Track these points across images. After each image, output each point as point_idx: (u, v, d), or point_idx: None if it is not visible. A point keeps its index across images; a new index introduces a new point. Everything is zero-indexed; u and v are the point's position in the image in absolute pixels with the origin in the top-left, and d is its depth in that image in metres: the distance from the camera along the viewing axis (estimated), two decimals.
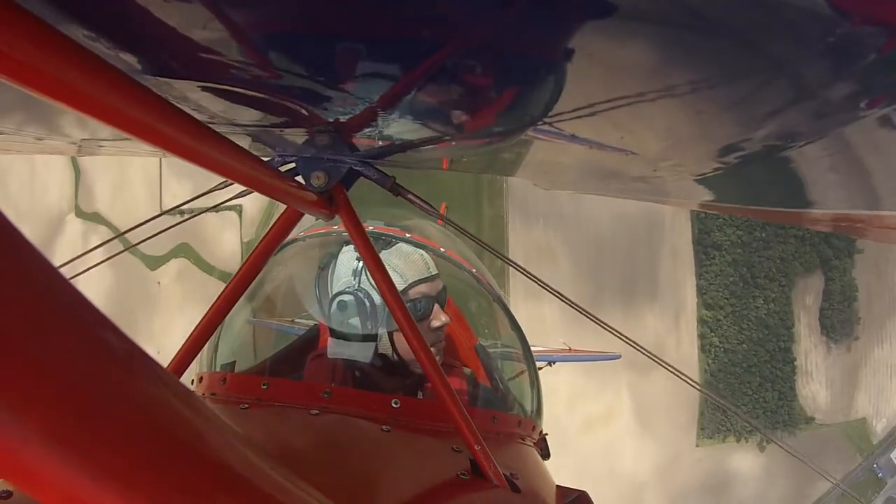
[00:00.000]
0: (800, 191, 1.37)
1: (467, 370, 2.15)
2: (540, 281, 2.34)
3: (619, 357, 10.88)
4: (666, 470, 24.37)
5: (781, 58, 0.71)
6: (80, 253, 2.70)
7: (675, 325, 26.79)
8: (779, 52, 0.69)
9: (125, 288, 26.77)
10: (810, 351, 28.61)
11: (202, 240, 26.73)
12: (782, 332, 28.20)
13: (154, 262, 27.34)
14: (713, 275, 27.64)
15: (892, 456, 29.62)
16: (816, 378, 28.65)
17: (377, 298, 1.86)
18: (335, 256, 1.97)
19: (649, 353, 2.45)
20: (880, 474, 29.42)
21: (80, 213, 28.93)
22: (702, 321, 27.32)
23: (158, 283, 27.47)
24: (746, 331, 27.77)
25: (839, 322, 28.95)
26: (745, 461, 26.31)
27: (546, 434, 2.19)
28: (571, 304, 2.38)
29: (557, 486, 1.72)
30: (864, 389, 29.04)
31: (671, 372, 2.51)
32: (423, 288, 1.95)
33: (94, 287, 25.52)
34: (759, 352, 27.76)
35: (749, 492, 25.97)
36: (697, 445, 25.38)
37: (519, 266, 2.48)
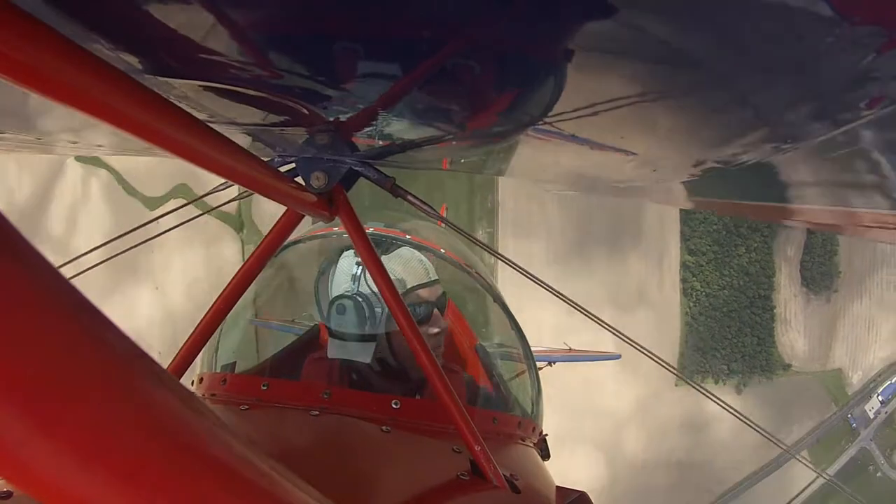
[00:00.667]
0: (788, 190, 1.39)
1: (467, 371, 2.15)
2: (531, 275, 2.37)
3: (619, 357, 11.22)
4: (646, 407, 25.10)
5: (781, 59, 0.71)
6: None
7: (658, 269, 27.30)
8: (778, 53, 0.69)
9: (124, 228, 27.24)
10: (790, 300, 29.30)
11: (203, 183, 27.20)
12: (763, 280, 28.76)
13: (153, 203, 27.83)
14: (697, 222, 28.18)
15: (866, 408, 30.17)
16: (795, 327, 29.35)
17: (375, 302, 1.86)
18: (335, 261, 1.98)
19: (637, 344, 2.52)
20: (854, 425, 29.95)
21: (79, 158, 29.33)
22: (684, 266, 27.82)
23: (157, 222, 27.96)
24: (728, 277, 28.34)
25: (819, 274, 29.53)
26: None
27: (546, 434, 2.19)
28: (562, 297, 2.41)
29: (557, 486, 1.73)
30: (842, 341, 29.70)
31: (658, 363, 2.57)
32: (422, 293, 1.96)
33: (96, 228, 26.03)
34: (739, 298, 28.42)
35: (725, 433, 26.62)
36: (676, 385, 25.95)
37: (517, 265, 2.48)
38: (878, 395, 30.92)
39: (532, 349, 2.50)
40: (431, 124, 1.40)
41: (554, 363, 9.93)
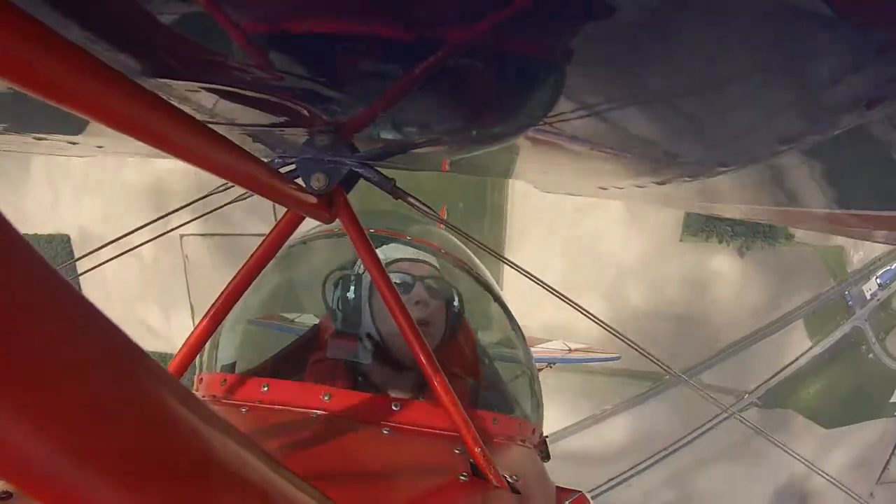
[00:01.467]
0: (791, 192, 1.39)
1: (466, 372, 2.16)
2: (534, 277, 2.39)
3: (619, 358, 11.08)
4: (649, 260, 25.29)
5: (781, 59, 0.71)
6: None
7: None
8: (778, 53, 0.69)
9: None
10: None
11: None
12: None
13: None
14: None
15: (864, 288, 30.13)
16: None
17: (366, 280, 1.91)
18: (350, 261, 2.03)
19: (634, 343, 2.53)
20: (850, 302, 29.61)
21: None
22: None
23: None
24: None
25: None
26: (724, 262, 27.14)
27: (546, 436, 2.20)
28: (563, 298, 2.42)
29: (557, 486, 1.73)
30: None
31: (653, 361, 2.54)
32: (404, 265, 1.99)
33: None
34: None
35: (725, 292, 26.94)
36: (681, 241, 26.17)
37: (517, 265, 2.47)
38: (877, 278, 30.74)
39: (532, 350, 2.51)
40: (432, 125, 1.40)
41: (554, 364, 9.94)
